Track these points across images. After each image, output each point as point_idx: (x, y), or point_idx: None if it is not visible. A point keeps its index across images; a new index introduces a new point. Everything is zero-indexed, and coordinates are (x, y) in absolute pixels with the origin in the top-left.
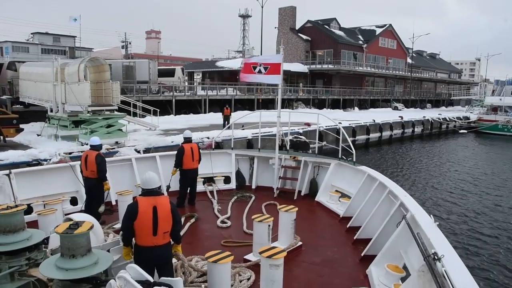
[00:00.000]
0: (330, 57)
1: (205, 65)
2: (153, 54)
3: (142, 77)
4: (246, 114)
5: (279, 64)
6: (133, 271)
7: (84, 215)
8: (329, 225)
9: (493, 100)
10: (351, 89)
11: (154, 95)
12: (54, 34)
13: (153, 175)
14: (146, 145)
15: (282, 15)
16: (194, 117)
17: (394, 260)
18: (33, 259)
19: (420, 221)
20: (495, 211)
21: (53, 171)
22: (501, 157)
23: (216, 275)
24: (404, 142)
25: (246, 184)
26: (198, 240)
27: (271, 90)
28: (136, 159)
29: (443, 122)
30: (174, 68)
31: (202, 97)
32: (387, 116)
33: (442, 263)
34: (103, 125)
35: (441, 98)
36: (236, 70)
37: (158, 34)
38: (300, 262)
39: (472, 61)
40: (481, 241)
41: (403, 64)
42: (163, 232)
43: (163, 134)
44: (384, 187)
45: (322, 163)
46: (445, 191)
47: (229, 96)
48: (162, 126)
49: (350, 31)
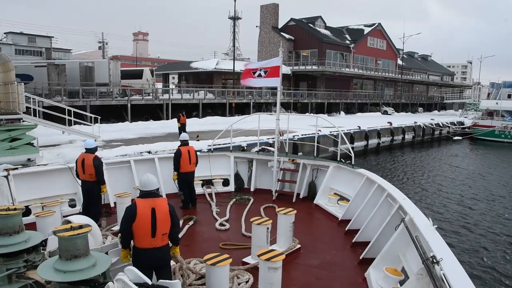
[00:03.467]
0: (315, 57)
1: (180, 66)
2: (141, 57)
3: (102, 79)
4: (243, 118)
5: (278, 67)
6: (131, 274)
7: (83, 217)
8: (328, 228)
9: (489, 104)
10: (337, 92)
11: (105, 99)
12: (29, 34)
13: (151, 177)
14: (64, 162)
15: (264, 13)
16: (154, 124)
17: (392, 263)
18: (31, 261)
19: (418, 224)
20: (494, 215)
21: (51, 173)
22: (500, 165)
23: (214, 278)
24: (393, 151)
25: (244, 186)
26: (197, 243)
27: (245, 93)
28: (135, 161)
29: (436, 128)
30: (142, 69)
31: (164, 101)
32: (375, 121)
33: (440, 266)
34: (5, 138)
35: (434, 102)
36: (211, 71)
37: (146, 36)
38: (299, 265)
39: (464, 64)
40: (480, 244)
41: (393, 65)
42: (162, 234)
43: (103, 146)
44: (383, 190)
45: (320, 166)
46: (440, 203)
47: (196, 100)
48: (110, 135)
49: (337, 30)
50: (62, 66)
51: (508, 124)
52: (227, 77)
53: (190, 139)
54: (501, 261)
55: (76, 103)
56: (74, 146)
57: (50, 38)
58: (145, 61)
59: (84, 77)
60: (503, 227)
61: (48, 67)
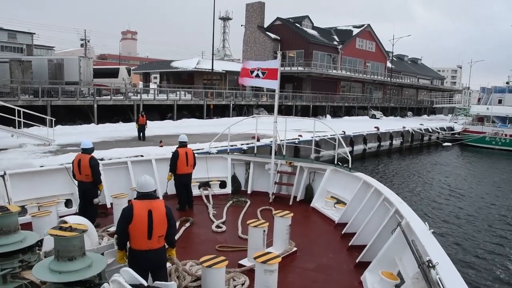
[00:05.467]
0: (301, 58)
1: (161, 66)
2: (129, 56)
3: (71, 77)
4: (241, 119)
5: (277, 70)
6: (127, 275)
7: (79, 218)
8: (324, 231)
9: (479, 109)
10: (323, 95)
11: (68, 99)
12: (10, 30)
13: (149, 178)
14: None
15: (249, 12)
16: (123, 127)
17: (388, 267)
18: (27, 261)
19: (415, 228)
20: (489, 220)
21: (48, 173)
22: (492, 174)
23: (210, 280)
24: (380, 157)
25: (241, 189)
26: (193, 245)
27: (224, 94)
28: (131, 162)
29: (425, 133)
30: (117, 68)
31: (135, 102)
32: (362, 126)
33: (436, 270)
34: None
35: (423, 106)
36: (191, 71)
37: (134, 35)
38: (295, 268)
39: (454, 68)
40: (476, 248)
41: (383, 68)
42: (158, 236)
43: (55, 151)
44: (380, 194)
45: (318, 169)
46: (429, 212)
47: (171, 101)
48: (70, 139)
49: (325, 31)
50: (27, 63)
51: (499, 131)
52: (209, 77)
53: (151, 145)
54: (496, 265)
55: (35, 102)
56: (22, 151)
57: (31, 34)
58: (133, 60)
59: (53, 75)
60: (497, 232)
61: (10, 64)
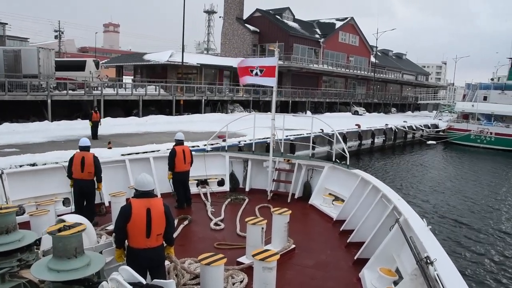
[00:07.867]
0: (281, 51)
1: (135, 58)
2: (111, 49)
3: (30, 70)
4: (239, 117)
5: (274, 67)
6: (126, 273)
7: (77, 216)
8: (323, 228)
9: (464, 106)
10: (303, 90)
11: (17, 94)
12: None
13: (148, 177)
14: None
15: (228, 3)
16: (80, 124)
17: (387, 264)
18: (25, 260)
19: (413, 224)
20: (486, 217)
21: (46, 172)
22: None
23: (209, 278)
24: (360, 156)
25: (240, 186)
26: (191, 242)
27: (194, 89)
28: (129, 160)
29: (409, 131)
30: (84, 60)
31: (95, 97)
32: (343, 122)
33: (434, 266)
34: None
35: (407, 102)
36: (164, 64)
37: (117, 28)
38: (293, 265)
39: (439, 64)
40: (473, 245)
41: (366, 63)
42: (156, 234)
43: None
44: (378, 191)
45: (316, 166)
46: (421, 210)
47: (135, 96)
48: (12, 138)
49: (306, 23)
50: None
51: (484, 129)
52: (183, 71)
53: (100, 146)
54: (494, 261)
55: None
56: None
57: (3, 24)
58: (115, 53)
59: (9, 67)
60: (494, 228)
61: None
